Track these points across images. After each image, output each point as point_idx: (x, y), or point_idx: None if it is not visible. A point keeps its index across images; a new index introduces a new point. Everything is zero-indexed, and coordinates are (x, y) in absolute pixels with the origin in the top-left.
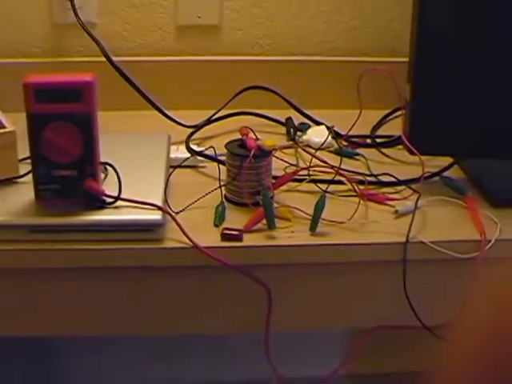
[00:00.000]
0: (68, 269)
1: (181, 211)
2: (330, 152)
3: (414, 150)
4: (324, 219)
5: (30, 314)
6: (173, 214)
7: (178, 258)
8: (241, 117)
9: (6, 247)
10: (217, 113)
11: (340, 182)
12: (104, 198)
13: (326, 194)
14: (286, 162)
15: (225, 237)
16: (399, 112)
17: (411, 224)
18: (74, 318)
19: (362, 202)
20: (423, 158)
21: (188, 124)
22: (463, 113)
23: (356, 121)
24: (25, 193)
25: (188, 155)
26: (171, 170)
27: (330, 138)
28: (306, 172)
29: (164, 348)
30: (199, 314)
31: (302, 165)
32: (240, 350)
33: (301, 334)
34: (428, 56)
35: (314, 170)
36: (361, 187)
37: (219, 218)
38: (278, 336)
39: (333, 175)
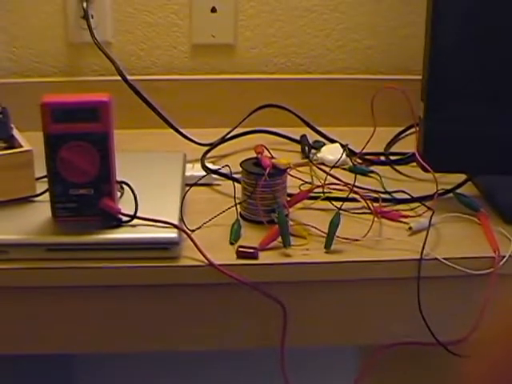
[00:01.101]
0: (84, 287)
1: (196, 229)
2: (345, 170)
3: (428, 167)
4: (339, 237)
5: (46, 331)
6: (188, 232)
7: (193, 275)
8: (255, 135)
9: (22, 265)
10: (232, 131)
11: (354, 200)
12: (120, 216)
13: (341, 212)
14: (300, 179)
15: (240, 254)
16: (413, 129)
17: (425, 241)
18: (89, 335)
19: (376, 219)
20: (437, 175)
21: (203, 142)
22: (476, 130)
23: (370, 138)
24: (41, 211)
25: (203, 173)
26: (187, 188)
27: (344, 155)
28: (320, 190)
29: (179, 364)
30: (214, 331)
31: (316, 182)
32: (255, 366)
33: (316, 351)
34: (441, 74)
35: (329, 188)
36: (375, 204)
37: (235, 235)
38: (293, 352)
39: (347, 193)
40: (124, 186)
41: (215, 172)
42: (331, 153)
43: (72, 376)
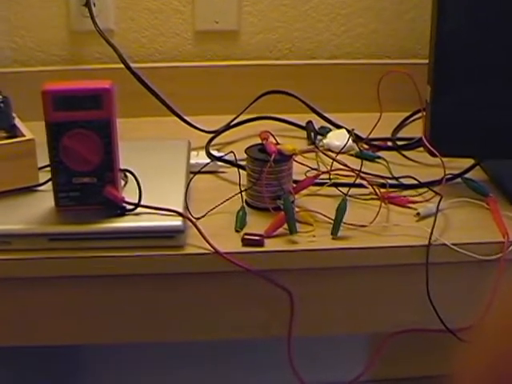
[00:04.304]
0: (88, 276)
1: (202, 217)
2: (351, 155)
3: (435, 152)
4: (345, 223)
5: (50, 322)
6: (193, 219)
7: (199, 263)
8: (260, 121)
9: (26, 256)
10: (236, 118)
11: (361, 186)
12: (124, 204)
13: (348, 198)
14: (306, 166)
15: (246, 242)
16: (419, 114)
17: (433, 226)
18: (92, 325)
19: (383, 205)
20: (444, 159)
21: (208, 129)
22: (484, 114)
23: (376, 124)
24: (45, 201)
25: (208, 161)
26: (191, 175)
27: (350, 141)
28: (326, 176)
29: (186, 353)
30: (221, 320)
31: (322, 169)
32: (263, 355)
33: (324, 339)
34: (448, 57)
35: (335, 174)
36: (382, 190)
37: (240, 223)
38: (300, 341)
39: (354, 179)
40: (128, 174)
41: (220, 159)
42: (337, 138)
43: (75, 369)
